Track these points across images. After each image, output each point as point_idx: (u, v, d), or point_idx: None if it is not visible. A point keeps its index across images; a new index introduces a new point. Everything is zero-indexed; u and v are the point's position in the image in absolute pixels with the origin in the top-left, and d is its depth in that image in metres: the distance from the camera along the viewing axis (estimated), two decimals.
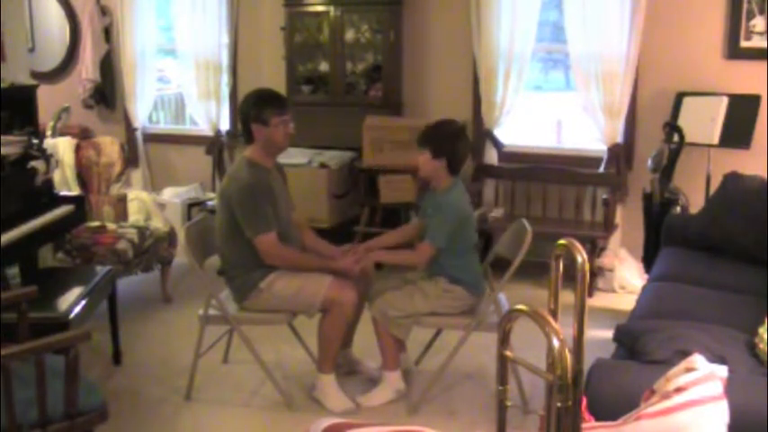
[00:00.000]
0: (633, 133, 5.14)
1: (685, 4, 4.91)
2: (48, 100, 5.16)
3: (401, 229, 3.79)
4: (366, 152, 5.21)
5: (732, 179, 4.02)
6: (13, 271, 3.82)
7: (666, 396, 1.74)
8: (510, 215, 5.20)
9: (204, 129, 6.14)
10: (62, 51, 6.38)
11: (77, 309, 3.33)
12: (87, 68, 6.18)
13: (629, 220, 5.12)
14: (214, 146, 6.06)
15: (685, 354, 2.08)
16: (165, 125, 6.90)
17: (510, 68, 5.19)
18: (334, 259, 3.48)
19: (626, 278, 4.96)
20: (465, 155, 3.43)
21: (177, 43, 6.11)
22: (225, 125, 6.15)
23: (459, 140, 3.38)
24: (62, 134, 5.45)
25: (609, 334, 2.91)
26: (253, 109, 3.38)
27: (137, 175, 6.29)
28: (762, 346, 2.52)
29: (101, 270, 3.85)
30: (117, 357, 3.90)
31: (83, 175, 5.06)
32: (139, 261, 4.55)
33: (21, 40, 4.59)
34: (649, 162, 4.57)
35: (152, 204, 5.12)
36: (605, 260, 5.01)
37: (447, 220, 3.30)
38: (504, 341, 1.69)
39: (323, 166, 5.31)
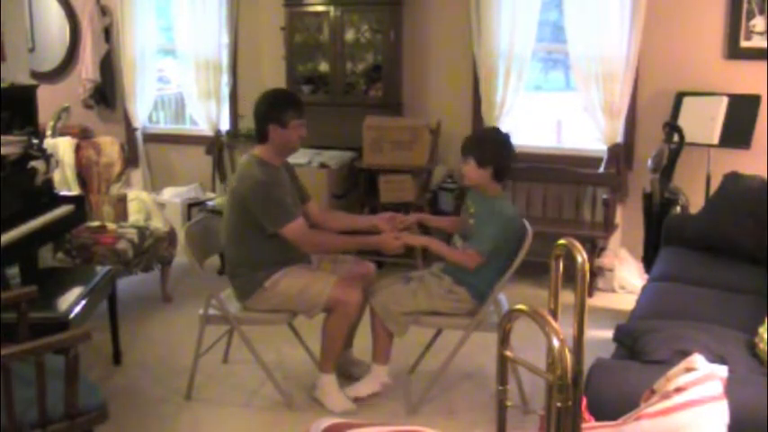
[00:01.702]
0: (633, 133, 5.14)
1: (685, 4, 4.91)
2: (48, 100, 5.15)
3: (452, 219, 3.79)
4: (366, 152, 5.21)
5: (732, 179, 4.02)
6: (13, 271, 3.82)
7: (666, 396, 1.74)
8: None
9: (204, 129, 6.14)
10: (62, 51, 6.38)
11: (77, 309, 3.33)
12: (87, 68, 6.18)
13: (629, 220, 5.13)
14: (214, 146, 6.06)
15: (685, 354, 2.08)
16: (165, 125, 6.90)
17: (510, 68, 5.19)
18: (371, 236, 3.47)
19: (626, 278, 4.95)
20: (510, 162, 3.38)
21: (177, 43, 6.11)
22: (225, 125, 6.15)
23: (503, 148, 3.34)
24: (62, 134, 5.44)
25: (609, 334, 2.91)
26: (273, 110, 3.37)
27: (137, 175, 6.29)
28: (762, 346, 2.52)
29: (101, 270, 3.84)
30: (117, 357, 3.90)
31: (83, 175, 5.06)
32: (139, 261, 4.55)
33: (21, 40, 4.59)
34: (649, 162, 4.57)
35: (152, 204, 5.12)
36: (605, 260, 5.01)
37: (497, 230, 3.26)
38: (504, 341, 1.69)
39: (323, 166, 5.31)
